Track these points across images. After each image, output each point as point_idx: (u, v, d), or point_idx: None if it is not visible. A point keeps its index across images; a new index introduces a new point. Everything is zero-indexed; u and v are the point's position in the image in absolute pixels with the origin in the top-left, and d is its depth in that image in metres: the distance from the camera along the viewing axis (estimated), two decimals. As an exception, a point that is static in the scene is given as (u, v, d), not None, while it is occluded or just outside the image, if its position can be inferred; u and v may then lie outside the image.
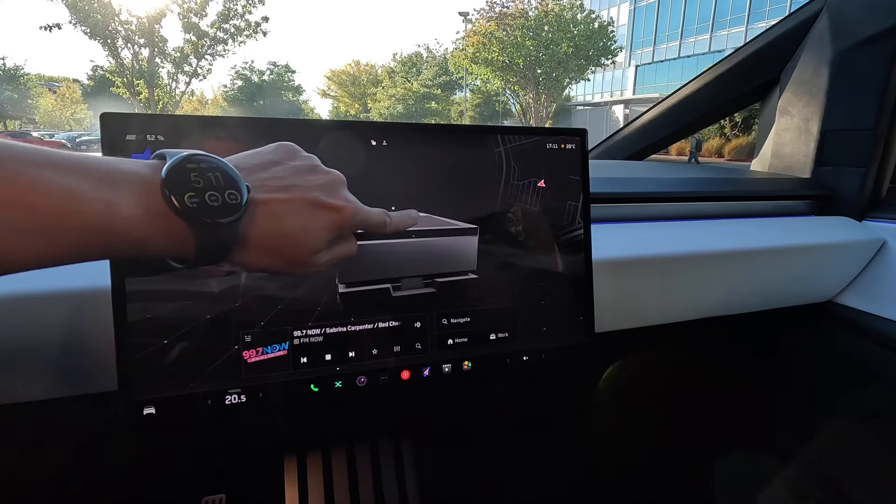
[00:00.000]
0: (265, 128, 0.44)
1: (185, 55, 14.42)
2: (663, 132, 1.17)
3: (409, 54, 34.65)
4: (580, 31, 20.53)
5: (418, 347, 0.48)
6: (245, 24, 14.70)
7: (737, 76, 0.97)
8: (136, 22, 13.30)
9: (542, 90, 21.67)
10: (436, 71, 30.78)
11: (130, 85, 13.97)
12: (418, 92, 29.98)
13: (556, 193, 0.52)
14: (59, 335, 0.42)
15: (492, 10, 20.86)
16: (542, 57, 20.35)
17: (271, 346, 0.43)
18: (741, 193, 0.85)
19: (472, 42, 20.87)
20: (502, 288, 0.51)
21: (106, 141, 0.39)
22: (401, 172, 0.47)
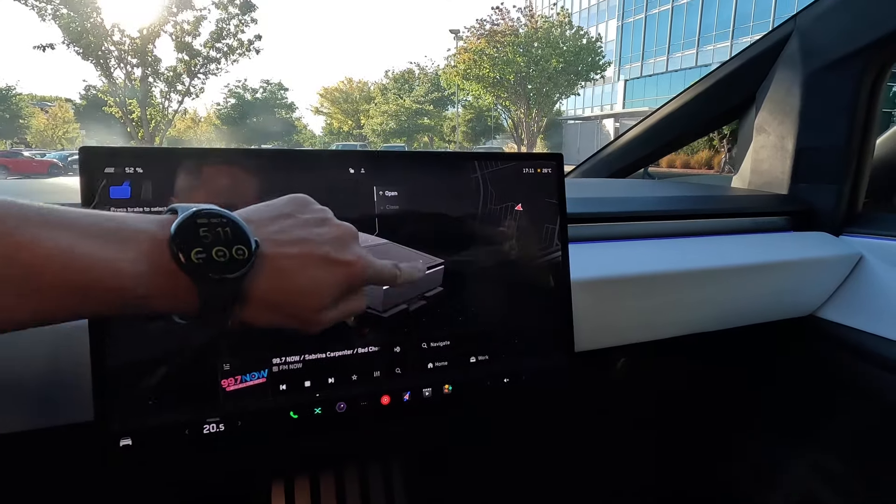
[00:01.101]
0: (241, 157, 0.44)
1: (177, 74, 14.51)
2: (647, 149, 1.19)
3: (401, 71, 35.08)
4: (569, 47, 20.92)
5: (398, 372, 0.48)
6: (238, 42, 14.84)
7: (715, 95, 1.00)
8: (128, 42, 13.39)
9: (533, 105, 21.97)
10: (428, 87, 31.15)
11: (123, 104, 14.01)
12: (410, 108, 30.27)
13: (534, 216, 0.53)
14: (32, 364, 0.42)
15: (482, 28, 21.24)
16: (532, 73, 20.68)
17: (250, 373, 0.43)
18: (721, 210, 0.86)
19: (463, 59, 21.19)
20: (481, 311, 0.51)
21: (84, 173, 0.39)
22: (379, 199, 0.48)
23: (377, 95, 34.40)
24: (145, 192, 0.41)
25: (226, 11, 14.49)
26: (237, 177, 0.43)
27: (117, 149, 0.40)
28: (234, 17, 14.55)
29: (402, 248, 0.49)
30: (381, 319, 0.48)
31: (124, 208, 0.40)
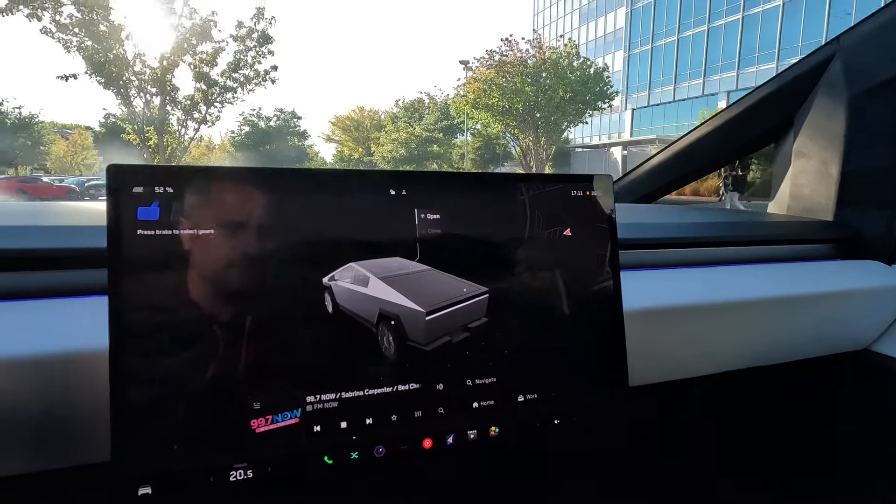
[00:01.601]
0: (277, 177, 0.41)
1: (195, 103, 14.89)
2: (673, 175, 1.16)
3: (411, 100, 35.76)
4: (577, 77, 21.25)
5: (441, 412, 0.44)
6: (254, 73, 15.25)
7: (748, 120, 0.97)
8: (149, 72, 13.82)
9: (541, 133, 22.19)
10: (437, 116, 31.67)
11: (141, 132, 14.36)
12: (420, 136, 30.74)
13: (583, 242, 0.50)
14: (44, 401, 0.39)
15: (491, 59, 21.68)
16: (540, 102, 20.97)
17: (282, 413, 0.39)
18: (763, 237, 0.82)
19: (472, 88, 21.57)
20: (528, 344, 0.47)
21: (112, 193, 0.36)
22: (420, 222, 0.45)
23: (388, 123, 35.02)
24: (175, 213, 0.38)
25: (243, 44, 14.96)
26: (272, 197, 0.41)
27: (146, 167, 0.38)
28: (251, 48, 15.01)
29: (444, 276, 0.45)
30: (424, 353, 0.44)
31: (152, 230, 0.37)
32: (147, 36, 13.83)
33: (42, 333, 0.39)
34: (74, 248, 0.44)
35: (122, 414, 0.35)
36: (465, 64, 22.83)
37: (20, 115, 24.17)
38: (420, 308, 0.44)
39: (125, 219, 0.36)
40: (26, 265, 0.44)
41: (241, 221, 0.39)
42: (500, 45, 21.96)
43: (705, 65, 27.45)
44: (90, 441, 0.38)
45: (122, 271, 0.36)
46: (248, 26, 14.89)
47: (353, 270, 0.42)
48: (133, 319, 0.36)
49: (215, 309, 0.38)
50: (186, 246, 0.38)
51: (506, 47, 21.70)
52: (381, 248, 0.43)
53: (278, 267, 0.40)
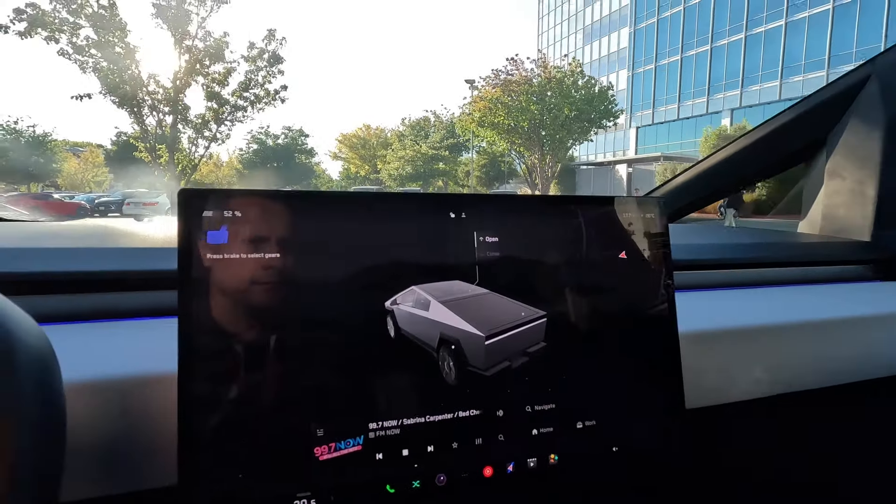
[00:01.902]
0: (341, 201, 0.42)
1: (205, 121, 15.16)
2: (701, 192, 1.16)
3: (417, 119, 36.20)
4: (581, 95, 21.49)
5: (501, 439, 0.43)
6: (264, 92, 15.54)
7: (779, 139, 0.97)
8: (162, 92, 14.12)
9: (546, 151, 22.36)
10: (443, 134, 32.01)
11: (153, 150, 14.61)
12: (427, 154, 31.03)
13: (638, 265, 0.49)
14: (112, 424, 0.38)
15: (497, 78, 21.99)
16: (545, 120, 21.18)
17: (345, 440, 0.39)
18: (801, 258, 0.81)
19: (478, 107, 21.84)
20: (586, 369, 0.46)
21: (183, 217, 0.36)
22: (479, 245, 0.44)
23: (394, 141, 35.41)
24: (242, 236, 0.38)
25: (254, 64, 15.28)
26: (336, 220, 0.41)
27: (216, 191, 0.38)
28: (262, 69, 15.32)
29: (503, 299, 0.45)
30: (484, 378, 0.43)
31: (221, 254, 0.37)
32: (161, 57, 14.15)
33: (111, 356, 0.39)
34: (143, 271, 0.44)
35: (189, 439, 0.35)
36: (470, 83, 23.15)
37: (34, 133, 24.65)
38: (479, 332, 0.43)
39: (195, 242, 0.36)
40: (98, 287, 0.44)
41: (307, 245, 0.39)
42: (505, 64, 22.31)
43: (709, 83, 27.70)
44: (157, 465, 0.38)
45: (192, 294, 0.36)
46: (260, 47, 15.24)
47: (415, 294, 0.42)
48: (202, 343, 0.36)
49: (281, 333, 0.38)
50: (253, 270, 0.37)
51: (511, 67, 22.03)
52: (441, 272, 0.43)
53: (342, 291, 0.40)
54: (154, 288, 0.45)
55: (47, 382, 0.28)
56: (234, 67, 15.05)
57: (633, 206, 0.50)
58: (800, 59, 23.18)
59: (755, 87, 25.31)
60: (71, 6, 12.64)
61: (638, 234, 0.50)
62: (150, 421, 0.38)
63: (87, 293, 0.44)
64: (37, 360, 0.28)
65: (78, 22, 12.80)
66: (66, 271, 0.41)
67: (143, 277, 0.44)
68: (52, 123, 59.52)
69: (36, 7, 12.37)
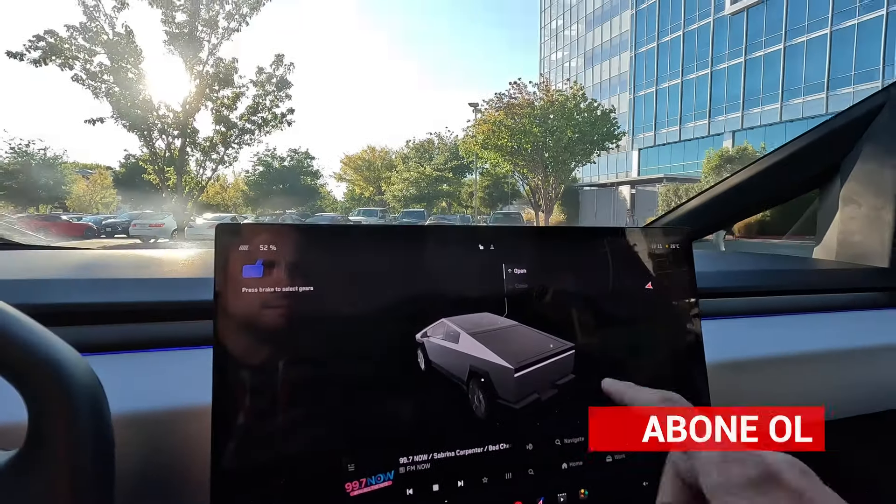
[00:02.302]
0: (373, 234, 0.42)
1: (213, 144, 15.40)
2: (714, 218, 1.16)
3: (421, 141, 36.66)
4: (584, 118, 21.74)
5: (531, 474, 0.42)
6: (272, 115, 15.82)
7: (793, 165, 0.97)
8: (172, 116, 14.40)
9: (550, 172, 22.51)
10: (447, 156, 32.35)
11: (161, 172, 14.82)
12: (431, 175, 31.32)
13: (665, 295, 0.49)
14: (146, 455, 0.38)
15: (500, 101, 22.32)
16: (548, 142, 21.39)
17: (376, 475, 0.38)
18: (818, 285, 0.81)
19: (481, 130, 22.11)
20: (615, 401, 0.46)
21: (219, 251, 0.37)
22: (508, 277, 0.45)
23: (399, 163, 35.80)
24: (277, 270, 0.38)
25: (263, 88, 15.60)
26: (367, 254, 0.41)
27: (252, 226, 0.38)
28: (270, 93, 15.63)
29: (532, 331, 0.45)
30: (514, 412, 0.43)
31: (256, 288, 0.37)
32: (172, 82, 14.48)
33: (148, 386, 0.39)
34: (179, 301, 0.45)
35: (222, 472, 0.35)
36: (474, 106, 23.49)
37: (45, 156, 25.10)
38: (509, 365, 0.43)
39: (231, 276, 0.37)
40: (134, 317, 0.44)
41: (339, 279, 0.40)
42: (508, 88, 22.65)
43: (709, 105, 28.01)
44: (189, 497, 0.38)
45: (227, 327, 0.36)
46: (268, 72, 15.57)
47: (445, 326, 0.42)
48: (237, 376, 0.36)
49: (314, 366, 0.38)
50: (287, 303, 0.38)
51: (514, 90, 22.38)
52: (470, 304, 0.43)
53: (373, 323, 0.40)
54: (189, 318, 0.45)
55: (98, 412, 0.29)
56: (243, 92, 15.38)
57: (659, 237, 0.50)
58: (800, 83, 23.47)
59: (756, 110, 25.57)
60: (87, 34, 13.01)
61: (664, 264, 0.50)
62: (183, 452, 0.38)
63: (124, 323, 0.44)
64: (88, 391, 0.28)
65: (93, 48, 13.16)
66: (102, 302, 0.42)
67: (178, 308, 0.45)
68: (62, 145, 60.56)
69: (54, 34, 12.74)
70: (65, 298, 0.41)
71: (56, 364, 0.28)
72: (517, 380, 0.43)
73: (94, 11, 13.06)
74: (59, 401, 0.27)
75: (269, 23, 71.32)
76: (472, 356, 0.42)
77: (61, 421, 0.27)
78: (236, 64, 15.05)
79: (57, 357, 0.29)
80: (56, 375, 0.28)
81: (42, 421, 0.27)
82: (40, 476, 0.27)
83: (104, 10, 13.19)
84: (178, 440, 0.38)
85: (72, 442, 0.27)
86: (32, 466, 0.27)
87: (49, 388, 0.27)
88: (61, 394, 0.27)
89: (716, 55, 27.48)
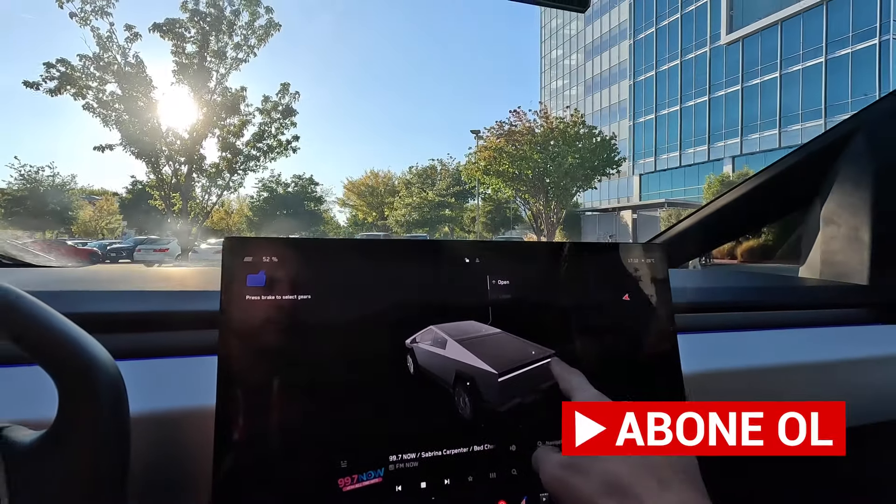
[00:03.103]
0: (369, 248, 0.46)
1: (219, 170, 15.67)
2: (702, 239, 1.19)
3: (424, 167, 37.14)
4: (584, 144, 22.04)
5: (514, 473, 0.45)
6: (277, 142, 16.14)
7: (773, 189, 1.01)
8: (179, 143, 14.71)
9: (551, 198, 22.70)
10: (449, 182, 32.70)
11: (167, 197, 15.04)
12: (433, 201, 31.60)
13: (641, 307, 0.52)
14: (150, 457, 0.41)
15: (501, 129, 22.70)
16: (549, 168, 21.63)
17: (367, 472, 0.41)
18: (801, 302, 0.84)
19: (483, 156, 22.43)
20: (594, 406, 0.49)
21: (226, 262, 0.41)
22: (492, 288, 0.48)
23: (401, 189, 36.18)
24: (278, 280, 0.42)
25: (269, 116, 15.97)
26: (363, 265, 0.45)
27: (256, 239, 0.42)
28: (275, 120, 15.99)
29: (514, 339, 0.48)
30: (498, 414, 0.45)
31: (259, 296, 0.41)
32: (180, 110, 14.83)
33: (156, 391, 0.42)
34: (185, 311, 0.48)
35: (224, 472, 0.37)
36: (476, 133, 23.89)
37: (53, 182, 25.49)
38: (493, 370, 0.46)
39: (236, 285, 0.40)
40: (147, 326, 0.47)
41: (336, 288, 0.43)
42: (509, 116, 23.08)
43: (709, 132, 28.38)
44: (192, 494, 0.40)
45: (232, 333, 0.39)
46: (274, 100, 15.96)
47: (433, 333, 0.45)
48: (240, 380, 0.39)
49: (311, 369, 0.41)
50: (287, 310, 0.41)
51: (514, 118, 22.79)
52: (457, 312, 0.46)
53: (367, 330, 0.43)
54: (196, 328, 0.49)
55: (120, 407, 0.32)
56: (249, 119, 15.74)
57: (636, 252, 0.54)
58: (797, 109, 23.83)
59: (755, 136, 25.89)
60: (99, 63, 13.42)
61: (641, 277, 0.53)
62: (189, 446, 0.41)
63: (139, 332, 0.47)
64: (113, 387, 0.32)
65: (105, 77, 13.56)
66: (121, 311, 0.45)
67: (185, 318, 0.48)
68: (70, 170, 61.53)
69: (66, 63, 13.14)
70: (80, 308, 0.45)
71: (89, 360, 0.32)
72: (501, 384, 0.46)
73: (108, 42, 13.50)
74: (87, 392, 0.31)
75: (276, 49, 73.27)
76: (458, 361, 0.45)
77: (86, 410, 0.30)
78: (245, 92, 15.44)
79: (91, 354, 0.33)
80: (86, 369, 0.32)
81: (70, 407, 0.31)
82: (64, 454, 0.30)
83: (117, 41, 13.64)
84: (181, 437, 0.41)
85: (95, 428, 0.30)
86: (57, 446, 0.31)
87: (80, 380, 0.31)
88: (89, 386, 0.31)
89: (713, 83, 28.02)
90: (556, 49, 45.52)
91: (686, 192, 28.51)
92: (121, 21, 18.45)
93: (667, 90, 31.15)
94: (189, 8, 14.15)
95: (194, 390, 0.42)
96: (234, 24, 14.69)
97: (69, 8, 12.94)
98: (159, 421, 0.41)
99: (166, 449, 0.41)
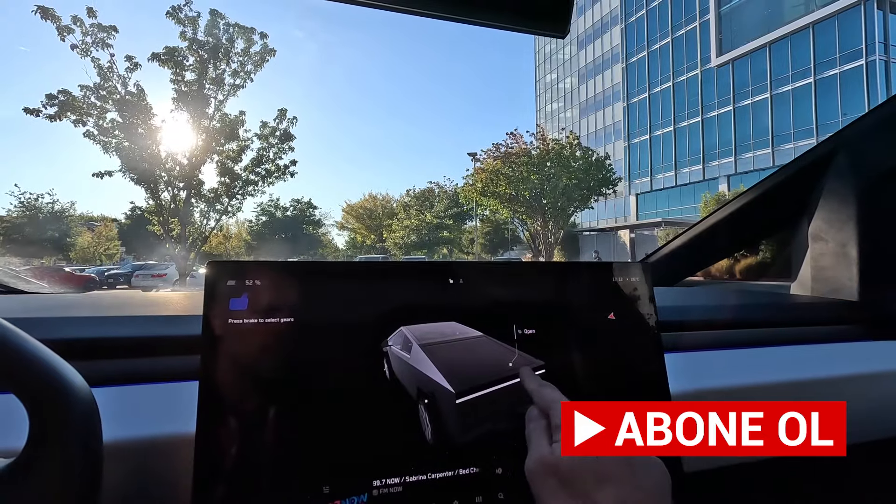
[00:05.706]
0: (352, 270, 0.46)
1: (218, 195, 15.75)
2: (693, 258, 1.20)
3: (421, 189, 37.41)
4: (580, 165, 22.28)
5: (501, 498, 0.44)
6: (275, 167, 16.28)
7: (760, 207, 1.02)
8: (178, 169, 14.81)
9: (549, 218, 22.82)
10: (447, 203, 32.88)
11: (165, 223, 15.07)
12: (431, 222, 31.71)
13: (626, 325, 0.52)
14: (130, 484, 0.40)
15: (497, 151, 22.96)
16: (546, 189, 21.81)
17: (349, 497, 0.40)
18: (792, 319, 0.84)
19: (480, 178, 22.62)
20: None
21: (208, 286, 0.41)
22: (477, 309, 0.48)
23: (400, 211, 36.36)
24: (261, 304, 0.42)
25: (267, 141, 16.15)
26: (347, 288, 0.45)
27: (239, 263, 0.42)
28: (273, 145, 16.17)
29: (498, 345, 0.47)
30: (482, 435, 0.45)
31: (241, 319, 0.41)
32: (179, 136, 14.99)
33: (135, 418, 0.41)
34: (167, 336, 0.48)
35: (204, 500, 0.37)
36: (472, 155, 24.14)
37: (52, 209, 25.57)
38: (451, 388, 0.44)
39: (218, 308, 0.40)
40: (127, 353, 0.47)
41: (319, 310, 0.43)
42: (505, 138, 23.38)
43: (703, 151, 28.72)
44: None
45: (213, 358, 0.39)
46: (272, 126, 16.17)
47: (402, 336, 0.45)
48: (220, 406, 0.39)
49: (293, 394, 0.40)
50: (270, 334, 0.41)
51: (511, 140, 23.08)
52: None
53: (351, 353, 0.43)
54: (178, 353, 0.48)
55: (91, 436, 0.32)
56: (248, 145, 15.90)
57: (620, 270, 0.54)
58: (789, 129, 24.19)
59: (748, 155, 26.22)
60: (100, 92, 13.63)
61: (625, 295, 0.53)
62: (167, 479, 0.40)
63: (118, 359, 0.47)
64: (84, 416, 0.32)
65: (105, 106, 13.75)
66: (102, 337, 0.45)
67: (168, 343, 0.48)
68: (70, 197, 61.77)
69: (67, 94, 13.34)
70: (61, 334, 0.45)
71: (59, 387, 0.32)
72: (458, 408, 0.44)
73: (108, 73, 13.74)
74: (58, 419, 0.31)
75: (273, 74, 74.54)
76: (419, 372, 0.44)
77: (56, 437, 0.30)
78: (243, 117, 15.64)
79: (63, 380, 0.32)
80: (56, 395, 0.31)
81: (40, 434, 0.30)
82: (32, 483, 0.30)
83: (117, 70, 13.88)
84: (161, 463, 0.40)
85: (64, 456, 0.30)
86: (25, 474, 0.30)
87: (50, 407, 0.31)
88: (61, 413, 0.31)
89: (706, 104, 28.50)
90: (550, 73, 46.43)
91: (682, 211, 28.70)
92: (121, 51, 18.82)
93: (660, 111, 31.66)
94: (188, 37, 14.45)
95: (175, 417, 0.42)
96: (230, 51, 14.99)
97: (70, 40, 13.19)
98: (138, 449, 0.40)
99: (145, 476, 0.40)
